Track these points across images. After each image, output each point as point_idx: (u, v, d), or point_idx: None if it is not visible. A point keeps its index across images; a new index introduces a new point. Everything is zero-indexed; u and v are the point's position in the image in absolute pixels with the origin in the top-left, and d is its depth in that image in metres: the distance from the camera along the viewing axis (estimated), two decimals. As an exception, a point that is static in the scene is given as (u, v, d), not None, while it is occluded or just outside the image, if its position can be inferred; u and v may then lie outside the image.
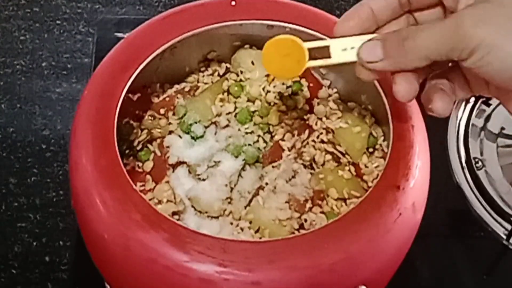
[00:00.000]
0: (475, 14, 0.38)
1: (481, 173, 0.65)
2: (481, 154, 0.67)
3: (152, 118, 0.55)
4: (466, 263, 0.62)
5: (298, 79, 0.57)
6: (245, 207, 0.51)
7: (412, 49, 0.40)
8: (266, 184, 0.52)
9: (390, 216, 0.44)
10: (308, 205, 0.51)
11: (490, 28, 0.37)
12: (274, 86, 0.56)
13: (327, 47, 0.43)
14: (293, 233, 0.49)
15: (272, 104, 0.56)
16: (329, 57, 0.43)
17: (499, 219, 0.63)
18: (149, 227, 0.42)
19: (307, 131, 0.54)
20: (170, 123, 0.55)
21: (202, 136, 0.54)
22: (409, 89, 0.42)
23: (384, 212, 0.44)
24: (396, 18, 0.44)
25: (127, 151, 0.53)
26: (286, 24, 0.53)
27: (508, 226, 0.62)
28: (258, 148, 0.54)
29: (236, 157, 0.52)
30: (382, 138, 0.54)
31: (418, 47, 0.40)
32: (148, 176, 0.52)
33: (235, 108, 0.55)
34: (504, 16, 0.38)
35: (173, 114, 0.55)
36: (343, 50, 0.43)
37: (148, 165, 0.52)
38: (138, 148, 0.53)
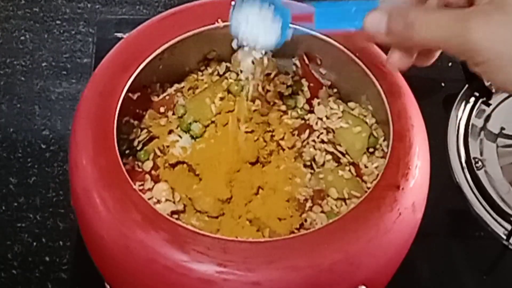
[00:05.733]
0: (486, 24, 0.37)
1: (481, 173, 0.65)
2: (481, 154, 0.67)
3: (152, 117, 0.54)
4: (466, 263, 0.62)
5: (298, 78, 0.57)
6: (245, 207, 0.51)
7: (416, 38, 0.39)
8: (266, 183, 0.52)
9: (390, 216, 0.44)
10: (308, 204, 0.51)
11: (500, 45, 0.36)
12: (274, 86, 0.56)
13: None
14: (293, 232, 0.49)
15: (272, 104, 0.56)
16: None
17: (499, 219, 0.63)
18: (149, 227, 0.42)
19: (307, 131, 0.54)
20: (170, 122, 0.55)
21: (201, 135, 0.54)
22: (403, 62, 0.42)
23: (384, 212, 0.44)
24: None
25: (127, 151, 0.53)
26: (286, 24, 0.53)
27: (508, 226, 0.62)
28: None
29: (235, 155, 0.53)
30: (383, 138, 0.53)
31: (423, 39, 0.38)
32: (148, 176, 0.52)
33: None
34: None
35: (173, 113, 0.55)
36: None
37: (148, 165, 0.52)
38: (138, 147, 0.53)
